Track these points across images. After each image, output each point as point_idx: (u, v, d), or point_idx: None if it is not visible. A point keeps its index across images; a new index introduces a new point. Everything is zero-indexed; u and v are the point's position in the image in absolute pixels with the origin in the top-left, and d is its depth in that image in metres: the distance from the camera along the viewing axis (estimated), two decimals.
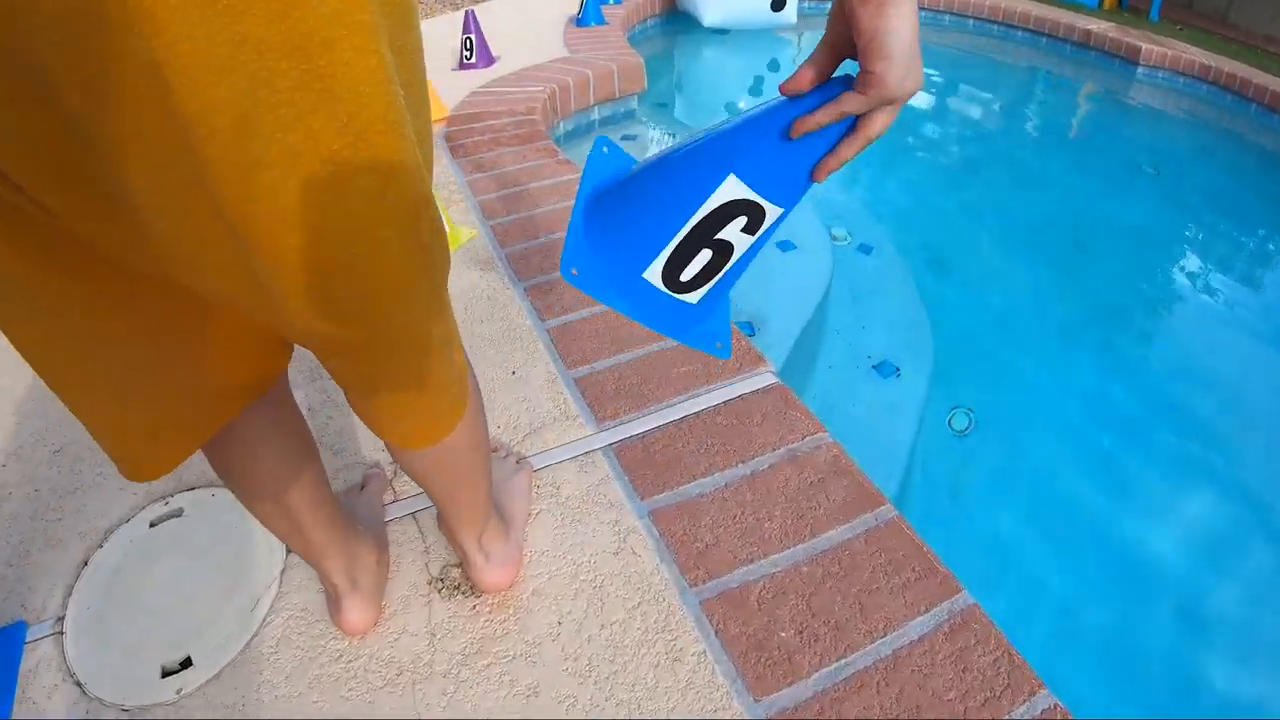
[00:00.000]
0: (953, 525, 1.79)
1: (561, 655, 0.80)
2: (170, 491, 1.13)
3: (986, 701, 0.76)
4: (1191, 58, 5.10)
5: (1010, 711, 0.75)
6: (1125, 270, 2.95)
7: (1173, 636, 1.62)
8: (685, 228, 0.63)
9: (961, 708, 0.75)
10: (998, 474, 1.98)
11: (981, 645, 0.80)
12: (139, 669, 0.90)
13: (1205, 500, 1.94)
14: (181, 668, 0.89)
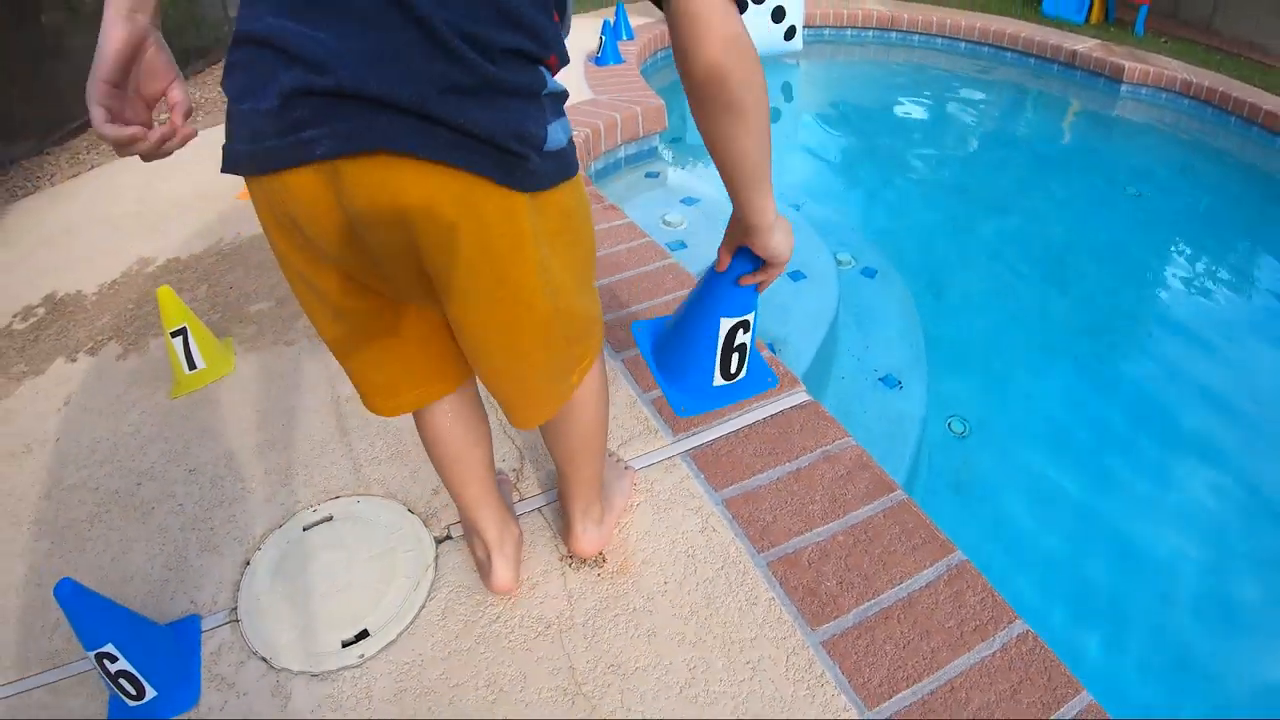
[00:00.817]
0: (956, 511, 2.14)
1: (670, 605, 1.12)
2: (317, 501, 1.44)
3: (976, 628, 1.08)
4: (1173, 74, 5.48)
5: (993, 635, 1.07)
6: (1105, 287, 3.32)
7: (1143, 604, 1.96)
8: (717, 353, 1.26)
9: (958, 632, 1.07)
10: (993, 469, 2.32)
11: (971, 589, 1.13)
12: (318, 643, 1.19)
13: (1180, 491, 2.29)
14: (357, 640, 1.19)
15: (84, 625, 1.07)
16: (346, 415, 1.63)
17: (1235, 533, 2.18)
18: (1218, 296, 3.45)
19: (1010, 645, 1.08)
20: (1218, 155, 5.04)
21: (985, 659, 1.06)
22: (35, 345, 2.27)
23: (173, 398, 1.84)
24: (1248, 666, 1.85)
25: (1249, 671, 1.84)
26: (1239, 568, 2.10)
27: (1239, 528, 2.20)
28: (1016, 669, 1.05)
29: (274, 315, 2.09)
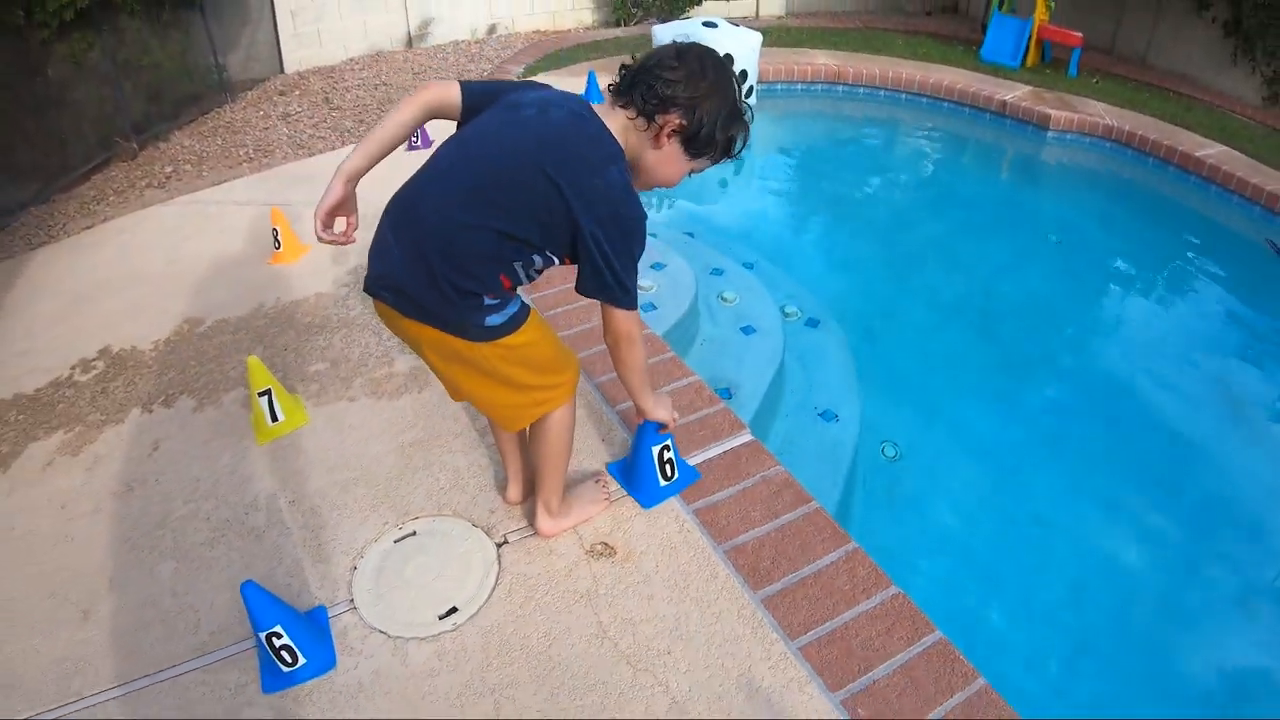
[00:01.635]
0: (888, 518, 2.83)
1: (660, 580, 1.78)
2: (400, 521, 2.06)
3: (864, 590, 1.74)
4: (1096, 119, 6.26)
5: (875, 595, 1.73)
6: (1023, 329, 4.05)
7: (1054, 603, 2.63)
8: (655, 466, 1.96)
9: (851, 593, 1.73)
10: (920, 486, 3.00)
11: (861, 566, 1.79)
12: (420, 617, 1.81)
13: (1084, 503, 2.98)
14: (449, 614, 1.81)
15: (259, 613, 1.66)
16: (412, 456, 2.26)
17: (1134, 539, 2.87)
18: (1125, 333, 4.21)
19: (887, 602, 1.74)
20: (1136, 197, 5.83)
21: (869, 609, 1.72)
22: (105, 396, 2.80)
23: (259, 444, 2.43)
24: (1136, 657, 2.51)
25: (1137, 662, 2.49)
26: (1131, 563, 2.80)
27: (1136, 535, 2.89)
28: (890, 616, 1.71)
29: (331, 375, 2.69)
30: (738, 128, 1.60)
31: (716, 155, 1.61)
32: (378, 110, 5.90)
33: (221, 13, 6.24)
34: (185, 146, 5.44)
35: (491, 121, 1.55)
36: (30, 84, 4.91)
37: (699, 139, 1.55)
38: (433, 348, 1.63)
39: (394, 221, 1.56)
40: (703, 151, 1.59)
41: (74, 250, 4.09)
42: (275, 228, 3.50)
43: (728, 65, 1.60)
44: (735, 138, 1.60)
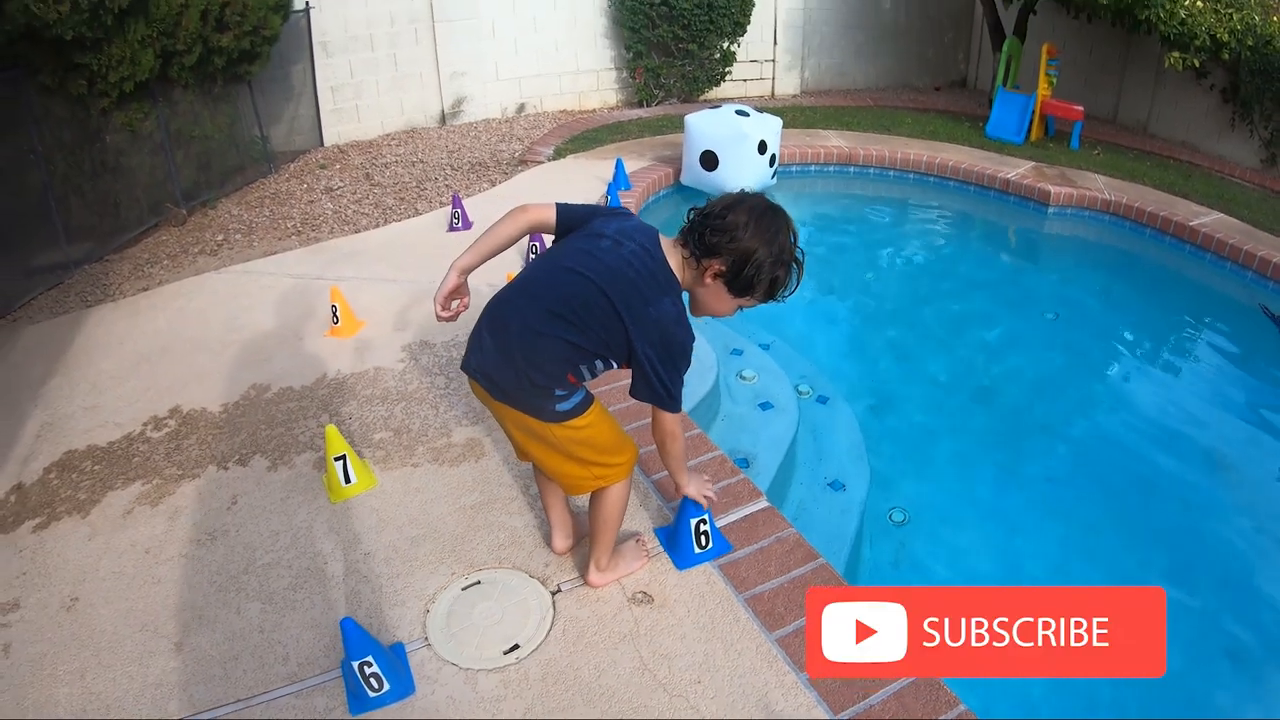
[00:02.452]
0: (894, 578, 3.18)
1: (691, 622, 2.18)
2: (466, 572, 2.46)
3: None
4: (1095, 194, 6.72)
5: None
6: (1021, 403, 4.45)
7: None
8: (692, 537, 2.39)
9: None
10: (925, 549, 3.38)
11: None
12: (488, 653, 2.21)
13: (1078, 565, 3.32)
14: (512, 650, 2.21)
15: (354, 644, 2.07)
16: (473, 517, 2.67)
17: None
18: (1121, 403, 4.62)
19: None
20: (1133, 269, 6.27)
21: None
22: (180, 452, 3.19)
23: (333, 503, 2.84)
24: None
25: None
26: None
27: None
28: None
29: (395, 443, 3.12)
30: (781, 273, 1.90)
31: (760, 296, 1.95)
32: (416, 188, 6.41)
33: (267, 88, 6.81)
34: (234, 215, 5.94)
35: (575, 247, 2.00)
36: (89, 149, 5.41)
37: (739, 281, 1.90)
38: (514, 423, 2.08)
39: (489, 324, 2.03)
40: (745, 292, 1.93)
41: (132, 311, 4.50)
42: (334, 304, 3.95)
43: (779, 216, 1.92)
44: (779, 281, 1.92)
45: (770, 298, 1.95)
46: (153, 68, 5.36)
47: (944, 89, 11.73)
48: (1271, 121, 8.82)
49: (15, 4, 4.46)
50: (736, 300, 1.97)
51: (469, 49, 8.27)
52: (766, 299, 1.96)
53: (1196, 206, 6.69)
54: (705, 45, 9.14)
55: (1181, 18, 7.65)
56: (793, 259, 1.92)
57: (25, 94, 4.86)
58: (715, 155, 6.09)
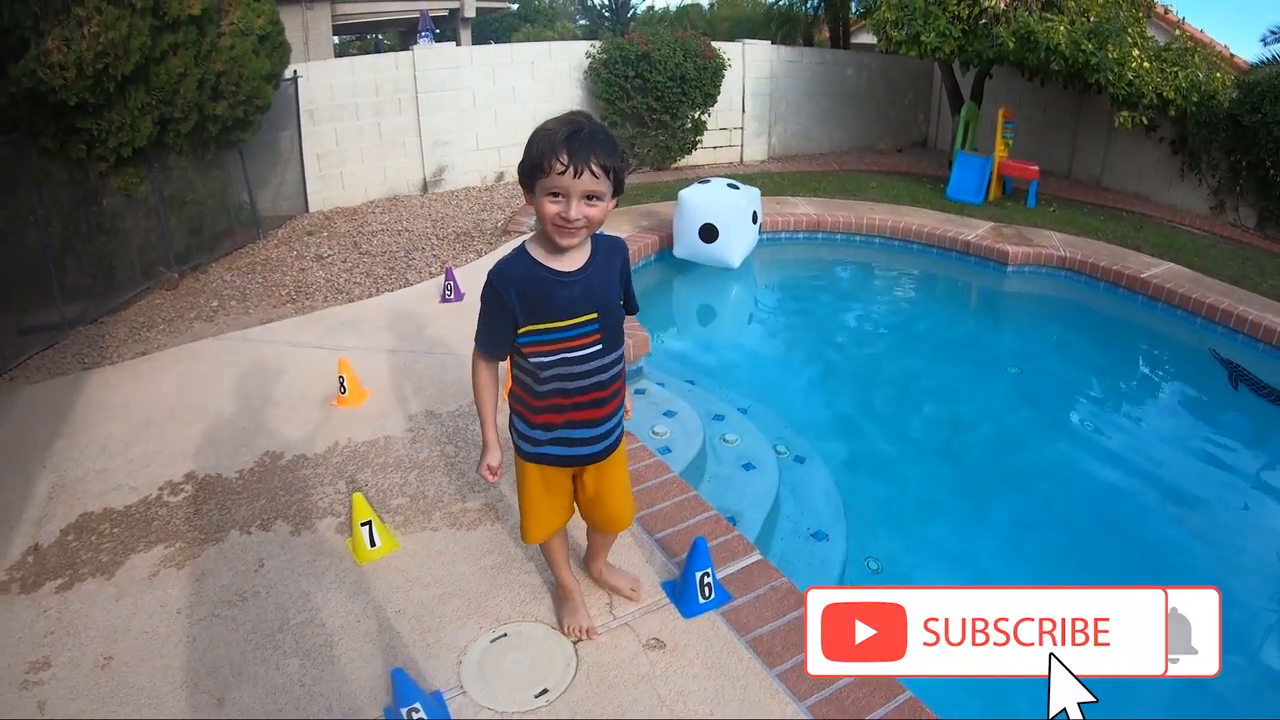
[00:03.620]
0: None
1: (701, 663, 2.52)
2: (492, 626, 2.79)
3: None
4: (1051, 251, 7.25)
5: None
6: (987, 455, 4.86)
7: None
8: (697, 589, 2.76)
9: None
10: None
11: None
12: (520, 697, 2.51)
13: None
14: (542, 694, 2.53)
15: (403, 692, 2.38)
16: (494, 576, 2.99)
17: None
18: (1081, 451, 5.05)
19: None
20: (1088, 321, 6.78)
21: (857, 678, 2.48)
22: (200, 517, 3.42)
23: (359, 565, 3.14)
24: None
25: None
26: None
27: None
28: (872, 683, 2.46)
29: (413, 508, 3.43)
30: (533, 141, 2.01)
31: (526, 173, 2.04)
32: (405, 257, 6.77)
33: (256, 154, 7.18)
34: (226, 281, 6.25)
35: None
36: (86, 211, 5.69)
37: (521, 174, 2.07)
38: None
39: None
40: (525, 178, 2.06)
41: (134, 375, 4.76)
42: (342, 375, 4.27)
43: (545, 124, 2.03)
44: (530, 147, 2.01)
45: (535, 169, 2.00)
46: (150, 134, 5.69)
47: (905, 150, 12.39)
48: (1218, 170, 9.53)
49: (22, 68, 4.79)
50: (531, 195, 2.07)
51: (451, 118, 8.72)
52: (531, 171, 2.02)
53: (1148, 257, 7.26)
54: (677, 116, 9.68)
55: (1129, 79, 8.24)
56: (542, 129, 2.02)
57: (27, 156, 5.16)
58: (715, 228, 6.58)
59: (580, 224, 2.05)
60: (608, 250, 2.27)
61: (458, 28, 18.77)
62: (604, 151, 2.00)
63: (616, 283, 2.28)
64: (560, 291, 2.16)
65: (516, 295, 2.16)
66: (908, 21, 8.83)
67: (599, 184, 2.02)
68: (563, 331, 2.18)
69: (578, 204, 2.01)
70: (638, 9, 29.99)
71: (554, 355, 2.20)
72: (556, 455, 2.38)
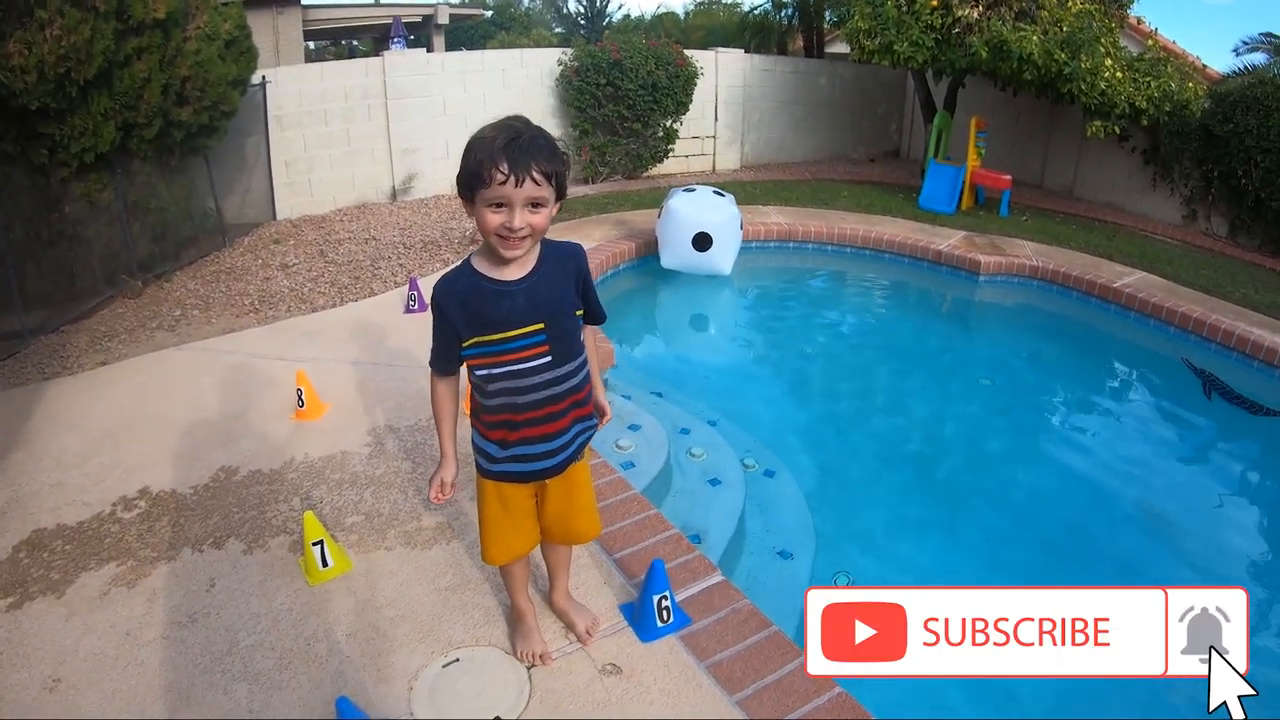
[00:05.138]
0: None
1: (657, 688, 2.44)
2: (445, 650, 2.70)
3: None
4: (1024, 260, 7.26)
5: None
6: (958, 467, 4.83)
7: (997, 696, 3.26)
8: (655, 612, 2.69)
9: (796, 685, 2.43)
10: None
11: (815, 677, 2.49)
12: None
13: None
14: None
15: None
16: (448, 598, 2.90)
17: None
18: (1052, 462, 5.03)
19: (834, 698, 2.42)
20: (1061, 331, 6.78)
21: (820, 704, 2.39)
22: (153, 534, 3.31)
23: (311, 585, 3.05)
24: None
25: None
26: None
27: None
28: (835, 708, 2.39)
29: (367, 526, 3.34)
30: (470, 150, 1.95)
31: (463, 182, 1.98)
32: (371, 267, 6.68)
33: (222, 160, 7.07)
34: (189, 290, 6.13)
35: None
36: (47, 217, 5.56)
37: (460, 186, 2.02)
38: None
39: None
40: (464, 190, 2.00)
41: (93, 385, 4.64)
42: (300, 388, 4.18)
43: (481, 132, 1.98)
44: (467, 156, 1.95)
45: (474, 179, 1.95)
46: (114, 139, 5.59)
47: (878, 160, 12.41)
48: (1190, 179, 9.59)
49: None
50: (471, 206, 2.02)
51: (420, 125, 8.63)
52: (469, 182, 1.96)
53: (1120, 267, 7.27)
54: (649, 124, 9.65)
55: (1102, 89, 8.27)
56: (478, 137, 1.97)
57: None
58: (710, 236, 6.54)
59: (524, 233, 1.99)
60: (558, 257, 2.20)
61: (431, 34, 18.63)
62: (545, 157, 1.94)
63: (570, 291, 2.20)
64: (502, 302, 2.10)
65: (458, 307, 2.12)
66: (881, 31, 8.83)
67: (541, 190, 1.96)
68: (507, 343, 2.13)
69: (521, 212, 1.96)
70: (613, 16, 30.00)
71: (500, 368, 2.15)
72: (513, 472, 2.31)
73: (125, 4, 5.42)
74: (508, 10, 30.05)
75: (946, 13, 8.62)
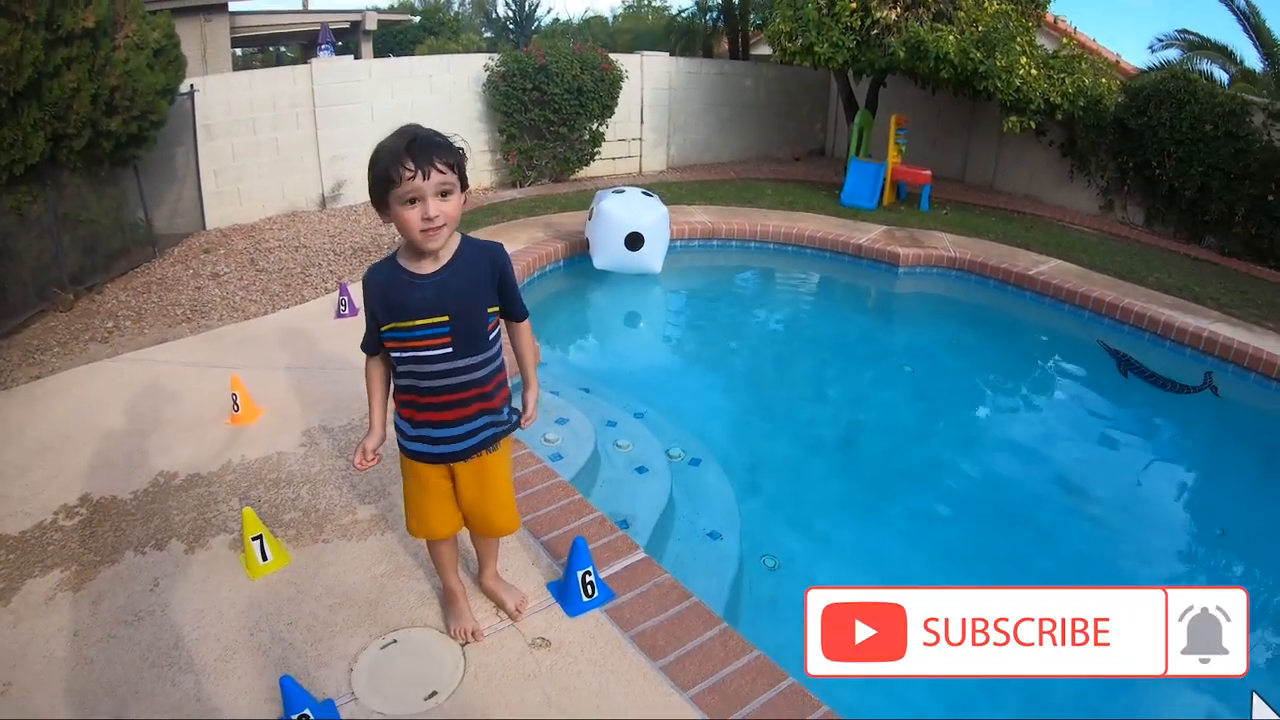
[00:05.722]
0: (771, 617, 3.61)
1: (585, 658, 2.63)
2: (383, 633, 2.85)
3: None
4: (942, 252, 7.54)
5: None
6: (881, 451, 5.05)
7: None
8: (580, 586, 2.90)
9: (721, 647, 2.64)
10: (796, 590, 3.82)
11: (733, 642, 2.69)
12: (409, 701, 2.57)
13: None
14: (431, 696, 2.60)
15: (294, 700, 2.43)
16: (384, 584, 3.05)
17: None
18: (973, 442, 5.29)
19: (752, 661, 2.62)
20: (980, 319, 7.08)
21: (739, 667, 2.58)
22: (95, 539, 3.38)
23: (252, 579, 3.17)
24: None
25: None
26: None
27: None
28: (754, 671, 2.59)
29: (304, 522, 3.45)
30: (375, 161, 2.16)
31: (373, 192, 2.20)
32: (302, 274, 6.72)
33: (150, 170, 7.05)
34: (121, 301, 6.13)
35: None
36: None
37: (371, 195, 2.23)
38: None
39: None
40: (374, 198, 2.22)
41: (28, 399, 4.66)
42: (234, 393, 4.27)
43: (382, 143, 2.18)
44: (372, 167, 2.17)
45: (385, 183, 2.14)
46: (43, 151, 5.56)
47: (803, 159, 12.73)
48: (1106, 171, 10.05)
49: None
50: (387, 212, 2.23)
51: (349, 133, 8.68)
52: (382, 187, 2.16)
53: (1037, 255, 7.62)
54: (575, 128, 9.81)
55: (1017, 85, 8.58)
56: (380, 147, 2.17)
57: None
58: (642, 236, 6.74)
59: (440, 221, 2.19)
60: (474, 255, 2.39)
61: (359, 40, 18.53)
62: (444, 150, 2.17)
63: (483, 287, 2.39)
64: (413, 293, 2.31)
65: (378, 294, 2.36)
66: (801, 33, 9.11)
67: (447, 177, 2.17)
68: (412, 331, 2.33)
69: (434, 201, 2.16)
70: (542, 21, 30.05)
71: (406, 353, 2.36)
72: (421, 451, 2.50)
73: (55, 14, 5.41)
74: (436, 15, 29.87)
75: (865, 14, 8.91)
